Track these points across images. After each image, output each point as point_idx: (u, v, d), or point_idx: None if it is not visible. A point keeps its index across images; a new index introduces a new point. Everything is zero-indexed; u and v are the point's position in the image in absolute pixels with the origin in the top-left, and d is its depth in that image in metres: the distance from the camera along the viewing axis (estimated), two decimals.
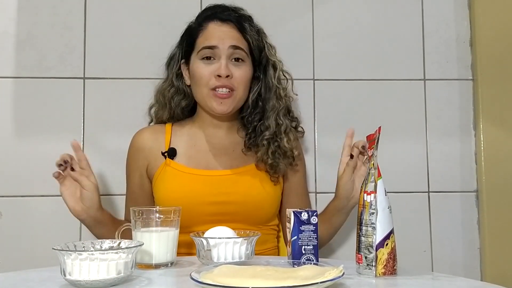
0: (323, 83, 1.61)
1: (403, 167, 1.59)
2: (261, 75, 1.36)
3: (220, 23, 1.32)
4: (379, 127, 0.96)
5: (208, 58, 1.30)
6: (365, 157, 1.23)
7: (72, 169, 1.21)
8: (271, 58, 1.37)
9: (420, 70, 1.63)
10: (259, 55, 1.36)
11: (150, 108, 1.47)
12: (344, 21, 1.63)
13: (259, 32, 1.37)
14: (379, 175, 0.93)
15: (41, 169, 1.53)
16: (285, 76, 1.41)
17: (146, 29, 1.59)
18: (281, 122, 1.34)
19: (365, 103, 1.61)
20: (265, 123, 1.33)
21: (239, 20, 1.34)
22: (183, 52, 1.39)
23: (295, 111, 1.48)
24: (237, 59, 1.31)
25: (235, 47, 1.30)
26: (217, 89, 1.29)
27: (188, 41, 1.37)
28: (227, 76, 1.28)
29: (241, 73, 1.31)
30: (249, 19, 1.36)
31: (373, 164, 0.94)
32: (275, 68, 1.37)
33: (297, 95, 1.48)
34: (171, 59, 1.43)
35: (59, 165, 1.21)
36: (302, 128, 1.48)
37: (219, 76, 1.28)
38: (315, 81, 1.61)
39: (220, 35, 1.30)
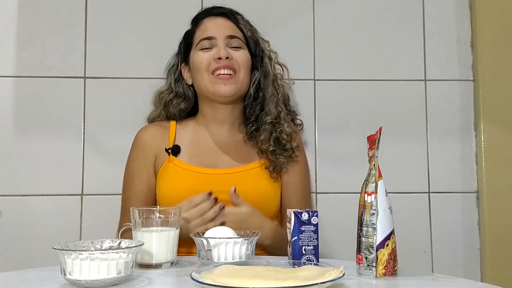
0: (324, 83, 1.61)
1: (404, 167, 1.59)
2: (259, 65, 1.41)
3: (214, 17, 1.39)
4: (380, 128, 0.96)
5: (206, 47, 1.35)
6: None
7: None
8: (266, 50, 1.43)
9: (421, 70, 1.63)
10: (255, 48, 1.41)
11: (149, 114, 1.48)
12: (344, 21, 1.63)
13: (252, 26, 1.43)
14: (380, 175, 0.93)
15: (41, 169, 1.53)
16: (281, 67, 1.45)
17: (147, 29, 1.59)
18: (280, 109, 1.38)
19: (366, 103, 1.61)
20: (265, 110, 1.38)
21: (231, 12, 1.41)
22: (182, 56, 1.43)
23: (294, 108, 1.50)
24: (234, 47, 1.36)
25: (232, 37, 1.36)
26: (218, 71, 1.32)
27: (186, 41, 1.42)
28: (227, 58, 1.32)
29: (241, 55, 1.36)
30: (240, 14, 1.43)
31: (374, 165, 0.94)
32: (270, 58, 1.43)
33: (293, 83, 1.50)
34: (170, 67, 1.47)
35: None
36: (301, 121, 1.49)
37: (219, 58, 1.32)
38: (316, 81, 1.61)
39: (216, 26, 1.37)
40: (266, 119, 1.36)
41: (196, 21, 1.42)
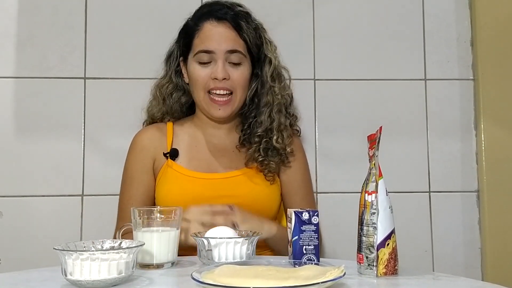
0: (324, 83, 1.61)
1: (404, 167, 1.59)
2: (259, 71, 1.36)
3: (216, 23, 1.31)
4: (380, 127, 0.96)
5: (204, 62, 1.30)
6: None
7: None
8: (268, 55, 1.36)
9: (421, 70, 1.63)
10: (257, 52, 1.35)
11: (148, 106, 1.46)
12: (344, 21, 1.63)
13: (257, 29, 1.36)
14: (380, 175, 0.93)
15: (41, 169, 1.53)
16: (282, 73, 1.40)
17: (147, 29, 1.59)
18: (273, 118, 1.33)
19: (366, 103, 1.61)
20: (258, 120, 1.34)
21: (235, 18, 1.31)
22: (181, 50, 1.39)
23: (295, 111, 1.48)
24: (234, 63, 1.31)
25: (232, 51, 1.30)
26: (213, 91, 1.29)
27: (185, 40, 1.36)
28: (224, 79, 1.28)
29: (239, 74, 1.31)
30: (245, 16, 1.34)
31: (374, 164, 0.94)
32: (270, 64, 1.36)
33: (292, 96, 1.46)
34: (169, 55, 1.43)
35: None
36: (299, 127, 1.48)
37: (216, 79, 1.28)
38: (316, 81, 1.61)
39: (216, 38, 1.29)
40: (256, 130, 1.33)
41: (197, 19, 1.34)
